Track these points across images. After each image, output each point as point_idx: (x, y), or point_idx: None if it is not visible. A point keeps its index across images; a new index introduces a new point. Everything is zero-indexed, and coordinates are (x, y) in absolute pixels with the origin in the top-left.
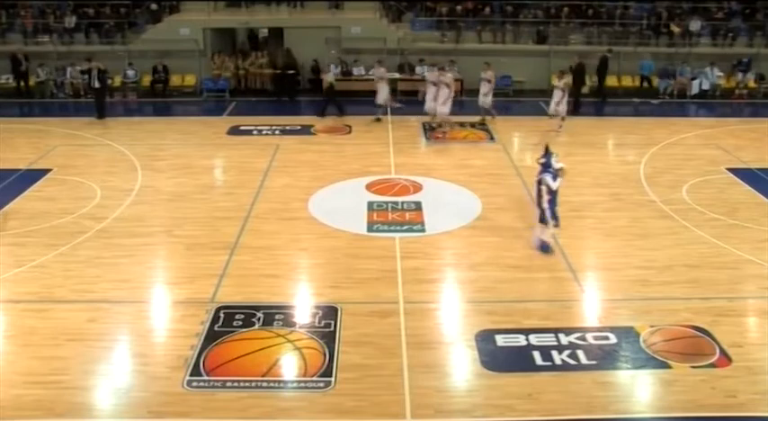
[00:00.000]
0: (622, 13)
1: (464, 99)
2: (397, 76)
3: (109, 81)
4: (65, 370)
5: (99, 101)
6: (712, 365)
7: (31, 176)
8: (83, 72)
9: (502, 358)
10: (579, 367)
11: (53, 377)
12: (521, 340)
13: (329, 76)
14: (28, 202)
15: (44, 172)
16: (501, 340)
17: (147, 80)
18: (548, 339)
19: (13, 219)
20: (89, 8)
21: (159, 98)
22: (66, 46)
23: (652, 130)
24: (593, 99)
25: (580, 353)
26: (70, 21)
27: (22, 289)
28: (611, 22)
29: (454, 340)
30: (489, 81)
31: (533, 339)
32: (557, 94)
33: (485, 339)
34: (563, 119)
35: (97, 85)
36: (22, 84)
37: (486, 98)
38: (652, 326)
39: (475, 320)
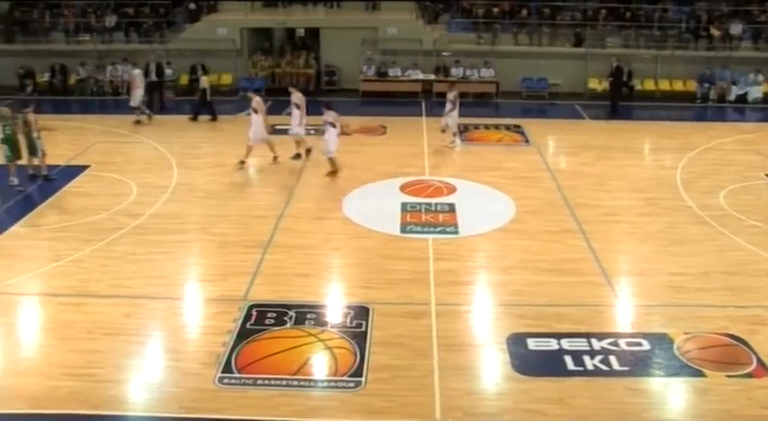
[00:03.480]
0: (661, 16)
1: (499, 101)
2: (432, 77)
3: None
4: (100, 363)
5: (152, 95)
6: (749, 375)
7: (70, 172)
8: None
9: (533, 362)
10: (611, 373)
11: (88, 370)
12: (552, 344)
13: (203, 82)
14: (67, 198)
15: (83, 168)
16: (532, 344)
17: (184, 79)
18: (580, 344)
19: (53, 215)
20: (129, 8)
21: (196, 96)
22: (106, 45)
23: (689, 135)
24: (628, 103)
25: (612, 359)
26: (111, 20)
27: (60, 283)
28: (649, 25)
29: (485, 343)
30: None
31: (565, 343)
32: (447, 107)
33: (516, 342)
34: (455, 134)
35: (154, 78)
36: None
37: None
38: (686, 334)
39: (506, 323)
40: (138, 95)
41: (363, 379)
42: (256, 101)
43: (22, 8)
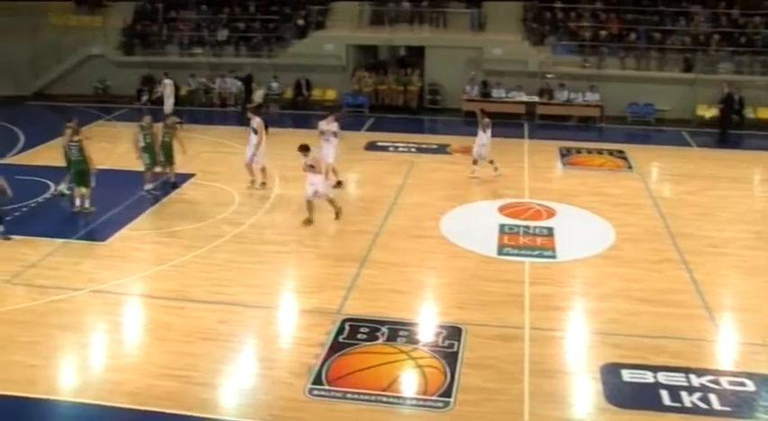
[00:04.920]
0: None
1: (603, 126)
2: (536, 99)
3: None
4: (195, 366)
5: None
6: None
7: (177, 180)
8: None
9: (627, 394)
10: (711, 412)
11: (184, 372)
12: (648, 377)
13: (258, 96)
14: (173, 204)
15: (189, 176)
16: (627, 375)
17: (288, 93)
18: (677, 379)
19: (160, 220)
20: (240, 22)
21: (300, 110)
22: (216, 58)
23: None
24: (739, 131)
25: (712, 398)
26: (222, 34)
27: (162, 286)
28: (765, 50)
29: (578, 370)
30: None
31: (662, 377)
32: (479, 136)
33: (610, 372)
34: (475, 162)
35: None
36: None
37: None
38: None
39: (601, 352)
40: (169, 104)
41: (452, 399)
42: (257, 122)
43: (144, 22)
